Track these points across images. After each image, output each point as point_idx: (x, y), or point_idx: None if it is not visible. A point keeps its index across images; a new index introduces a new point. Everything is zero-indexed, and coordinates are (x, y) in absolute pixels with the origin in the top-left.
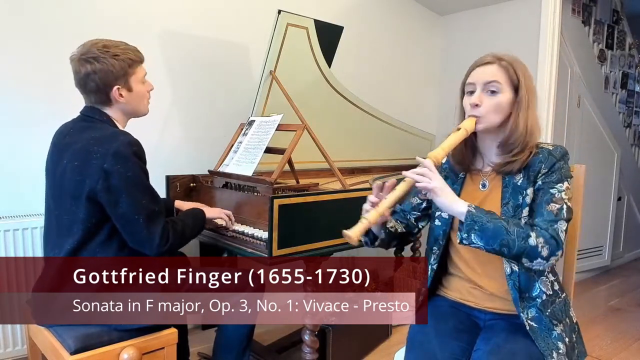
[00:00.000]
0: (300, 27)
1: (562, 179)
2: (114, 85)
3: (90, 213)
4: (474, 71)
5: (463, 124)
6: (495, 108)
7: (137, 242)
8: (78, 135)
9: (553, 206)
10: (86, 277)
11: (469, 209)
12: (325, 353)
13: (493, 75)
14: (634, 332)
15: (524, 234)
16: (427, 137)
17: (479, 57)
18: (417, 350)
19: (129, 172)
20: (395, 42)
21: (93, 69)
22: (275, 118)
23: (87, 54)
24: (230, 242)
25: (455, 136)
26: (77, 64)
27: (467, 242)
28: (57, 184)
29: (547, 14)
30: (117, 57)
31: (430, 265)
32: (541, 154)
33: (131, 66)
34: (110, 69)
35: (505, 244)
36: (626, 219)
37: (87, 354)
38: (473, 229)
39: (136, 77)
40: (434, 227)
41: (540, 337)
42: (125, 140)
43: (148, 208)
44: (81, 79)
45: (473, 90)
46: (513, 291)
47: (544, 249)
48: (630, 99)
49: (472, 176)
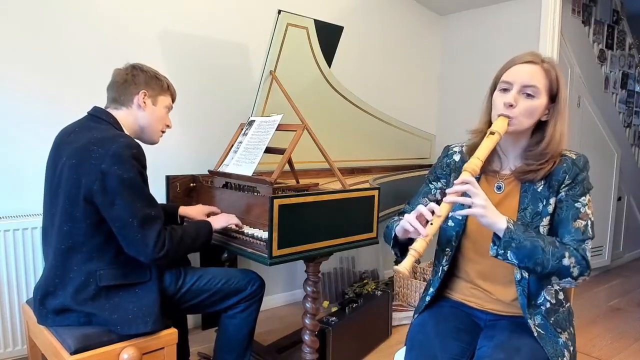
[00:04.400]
0: (300, 27)
1: (585, 191)
2: (142, 89)
3: (86, 213)
4: (512, 68)
5: (496, 126)
6: (529, 112)
7: (132, 247)
8: (80, 135)
9: (580, 223)
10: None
11: (508, 226)
12: (325, 353)
13: (533, 78)
14: (634, 332)
15: (559, 253)
16: (427, 137)
17: (515, 56)
18: (417, 351)
19: (125, 175)
20: (395, 42)
21: (133, 73)
22: (275, 118)
23: (136, 64)
24: (230, 242)
25: (489, 141)
26: (123, 69)
27: (501, 258)
28: (55, 181)
29: (547, 14)
30: (158, 77)
31: (442, 266)
32: (565, 164)
33: (164, 90)
34: (148, 79)
35: (539, 264)
36: (626, 219)
37: (87, 354)
38: (510, 246)
39: (164, 101)
40: (446, 228)
41: (548, 343)
42: (124, 142)
43: (143, 211)
44: (117, 78)
45: (507, 88)
46: (522, 297)
47: (575, 269)
48: (630, 99)
49: (488, 177)
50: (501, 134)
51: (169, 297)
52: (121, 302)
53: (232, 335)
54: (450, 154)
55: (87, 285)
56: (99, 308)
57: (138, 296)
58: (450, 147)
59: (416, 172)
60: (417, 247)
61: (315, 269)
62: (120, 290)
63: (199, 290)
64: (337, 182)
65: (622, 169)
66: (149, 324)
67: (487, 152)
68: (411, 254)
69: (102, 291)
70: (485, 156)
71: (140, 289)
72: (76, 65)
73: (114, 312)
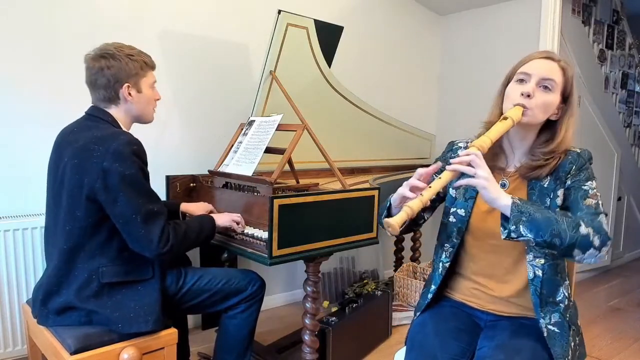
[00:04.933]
0: (300, 27)
1: (590, 178)
2: (124, 82)
3: (88, 212)
4: (531, 62)
5: (510, 112)
6: (544, 105)
7: (136, 243)
8: (80, 134)
9: (590, 201)
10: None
11: (514, 200)
12: (325, 353)
13: (552, 72)
14: (634, 332)
15: (574, 222)
16: (426, 137)
17: (533, 52)
18: (417, 351)
19: (127, 171)
20: (395, 42)
21: (107, 64)
22: (275, 118)
23: (103, 50)
24: (230, 242)
25: (502, 125)
26: (92, 60)
27: (515, 235)
28: (57, 181)
29: (547, 14)
30: (132, 57)
31: (442, 262)
32: (570, 156)
33: (143, 68)
34: (123, 66)
35: (556, 234)
36: (626, 219)
37: (87, 354)
38: (521, 220)
39: (146, 81)
40: (448, 224)
41: (558, 343)
42: (125, 139)
43: (145, 207)
44: (93, 74)
45: (525, 80)
46: (534, 297)
47: (596, 238)
48: (630, 99)
49: (493, 174)
50: (514, 121)
51: (169, 297)
52: (123, 300)
53: (233, 335)
54: (455, 149)
55: (90, 282)
56: (100, 305)
57: (140, 294)
58: (455, 143)
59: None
60: (411, 204)
61: (315, 269)
62: (123, 288)
63: (200, 291)
64: (337, 182)
65: (622, 169)
66: (149, 323)
67: (498, 134)
68: (404, 210)
69: (104, 288)
70: (496, 137)
71: (143, 287)
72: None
73: (116, 310)
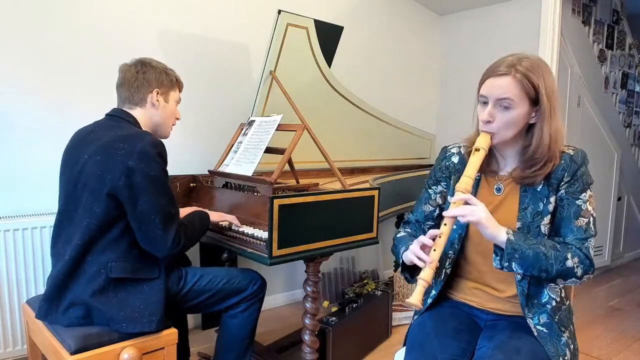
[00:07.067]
0: (300, 27)
1: (585, 187)
2: (155, 87)
3: (107, 209)
4: (487, 81)
5: (479, 142)
6: (507, 124)
7: (150, 242)
8: (103, 132)
9: (582, 221)
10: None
11: (509, 237)
12: (325, 353)
13: (505, 91)
14: (634, 332)
15: (562, 256)
16: (427, 137)
17: (493, 63)
18: (417, 351)
19: (152, 172)
20: (395, 42)
21: (143, 70)
22: (275, 118)
23: (141, 60)
24: (231, 242)
25: (476, 158)
26: (128, 65)
27: (506, 270)
28: (73, 178)
29: (547, 14)
30: (167, 71)
31: (444, 269)
32: (563, 161)
33: (174, 84)
34: (157, 75)
35: (544, 270)
36: (626, 219)
37: (87, 354)
38: (514, 257)
39: (174, 96)
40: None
41: (550, 343)
42: (151, 140)
43: (166, 209)
44: (127, 76)
45: (485, 102)
46: (521, 297)
47: (579, 268)
48: (630, 99)
49: (488, 179)
50: (486, 150)
51: (170, 296)
52: (128, 298)
53: (233, 334)
54: (448, 155)
55: (99, 275)
56: (105, 302)
57: (145, 293)
58: (448, 149)
59: (416, 172)
60: (424, 276)
61: (315, 269)
62: (129, 285)
63: (201, 290)
64: (337, 182)
65: (622, 169)
66: (153, 324)
67: (475, 169)
68: (420, 284)
69: (110, 284)
70: (474, 173)
71: (148, 286)
72: (75, 65)
73: (121, 309)
